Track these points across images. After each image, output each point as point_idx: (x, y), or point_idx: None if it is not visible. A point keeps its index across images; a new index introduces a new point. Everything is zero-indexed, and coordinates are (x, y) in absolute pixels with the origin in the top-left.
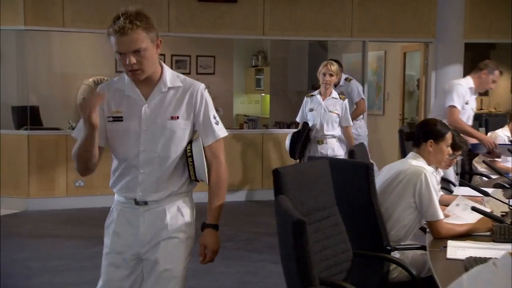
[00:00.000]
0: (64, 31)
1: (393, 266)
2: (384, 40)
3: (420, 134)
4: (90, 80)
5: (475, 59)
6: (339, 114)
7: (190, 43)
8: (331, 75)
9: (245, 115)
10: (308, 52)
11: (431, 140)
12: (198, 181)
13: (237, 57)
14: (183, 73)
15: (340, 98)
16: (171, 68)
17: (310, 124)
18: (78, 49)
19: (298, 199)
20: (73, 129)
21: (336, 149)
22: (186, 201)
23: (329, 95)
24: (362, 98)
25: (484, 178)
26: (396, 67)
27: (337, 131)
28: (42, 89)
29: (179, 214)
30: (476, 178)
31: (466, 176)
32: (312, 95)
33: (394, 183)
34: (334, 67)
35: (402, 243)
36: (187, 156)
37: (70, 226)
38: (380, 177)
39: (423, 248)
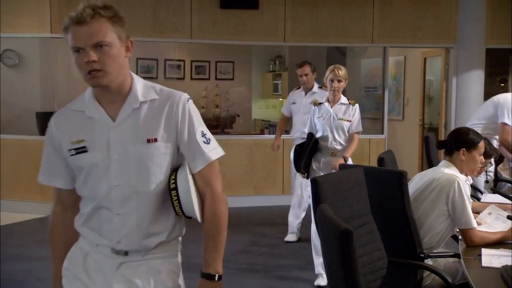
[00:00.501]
0: None
1: (426, 273)
2: (405, 46)
3: (452, 142)
4: None
5: (496, 64)
6: (350, 121)
7: (209, 49)
8: (339, 80)
9: (263, 120)
10: (326, 57)
11: (464, 149)
12: (190, 218)
13: (255, 62)
14: (202, 79)
15: (350, 103)
16: (191, 74)
17: (319, 134)
18: None
19: (335, 207)
20: None
21: (350, 161)
22: (179, 251)
23: (338, 102)
24: None
25: (509, 185)
26: (416, 72)
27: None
28: (65, 95)
29: (171, 273)
30: (501, 185)
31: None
32: (320, 103)
33: (426, 191)
34: (342, 72)
35: (435, 251)
36: (170, 188)
37: None
38: (412, 185)
39: (456, 255)
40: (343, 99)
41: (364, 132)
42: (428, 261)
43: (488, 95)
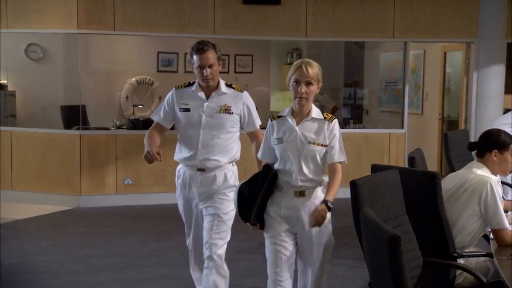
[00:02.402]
0: (115, 34)
1: (458, 272)
2: (425, 40)
3: (484, 144)
4: (133, 79)
5: None
6: (325, 146)
7: (229, 42)
8: (309, 83)
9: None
10: (344, 49)
11: (496, 150)
12: None
13: (273, 55)
14: (222, 72)
15: (325, 118)
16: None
17: (279, 165)
18: (123, 50)
19: (373, 209)
20: (118, 127)
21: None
22: None
23: (308, 115)
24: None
25: None
26: (435, 66)
27: (323, 175)
28: (87, 89)
29: None
30: None
31: None
32: (280, 117)
33: (459, 192)
34: (314, 70)
35: (466, 250)
36: None
37: (122, 223)
38: (444, 185)
39: (488, 255)
40: (316, 112)
41: (383, 126)
42: (460, 260)
43: (508, 89)
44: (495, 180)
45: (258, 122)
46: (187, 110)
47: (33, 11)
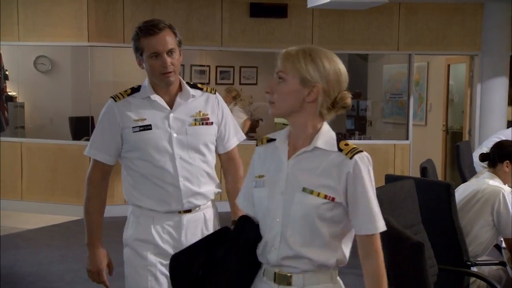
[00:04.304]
0: (125, 47)
1: (472, 280)
2: (430, 53)
3: (496, 155)
4: None
5: None
6: (333, 200)
7: (234, 54)
8: (283, 78)
9: (283, 124)
10: (348, 61)
11: (508, 161)
12: None
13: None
14: (227, 84)
15: (341, 150)
16: (216, 79)
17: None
18: (132, 62)
19: (391, 218)
20: None
21: None
22: None
23: (309, 142)
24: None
25: None
26: (439, 78)
27: (334, 255)
28: (96, 100)
29: None
30: None
31: None
32: (271, 140)
33: (471, 202)
34: (293, 62)
35: (479, 259)
36: None
37: None
38: (456, 195)
39: (501, 264)
40: (324, 138)
41: (387, 138)
42: (473, 269)
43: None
44: (507, 190)
45: (237, 138)
46: (147, 128)
47: (44, 24)
